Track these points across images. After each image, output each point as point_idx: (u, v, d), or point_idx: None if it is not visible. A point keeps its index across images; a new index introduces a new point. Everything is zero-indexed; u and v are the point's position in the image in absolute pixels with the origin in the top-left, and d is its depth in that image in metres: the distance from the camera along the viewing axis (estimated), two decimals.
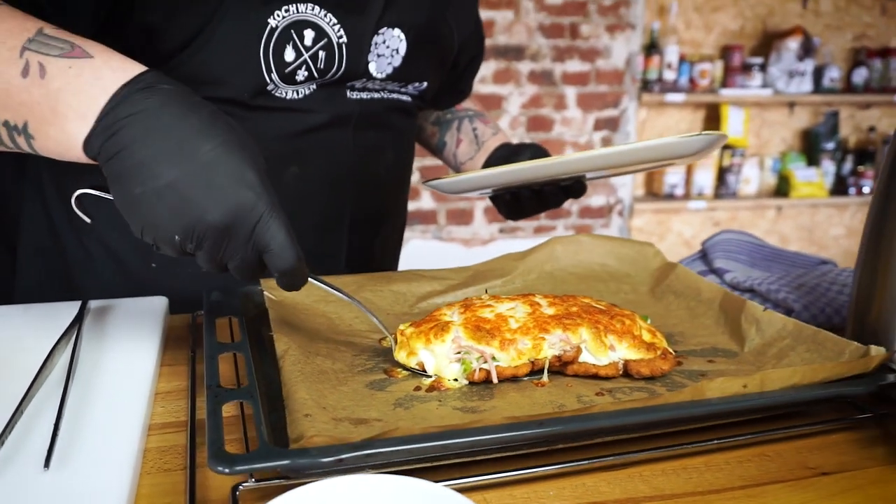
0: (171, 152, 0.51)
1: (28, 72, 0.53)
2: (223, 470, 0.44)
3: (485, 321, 0.63)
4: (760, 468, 0.52)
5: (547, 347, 0.62)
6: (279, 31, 0.76)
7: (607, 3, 3.22)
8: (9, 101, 0.54)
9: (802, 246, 3.86)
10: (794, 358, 0.64)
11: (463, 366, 0.61)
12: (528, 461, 0.51)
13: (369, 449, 0.46)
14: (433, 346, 0.62)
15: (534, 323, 0.63)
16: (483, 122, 1.11)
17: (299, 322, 0.70)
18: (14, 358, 0.61)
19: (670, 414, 0.52)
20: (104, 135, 0.52)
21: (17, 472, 0.46)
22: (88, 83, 0.53)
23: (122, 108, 0.52)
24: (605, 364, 0.62)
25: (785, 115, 3.73)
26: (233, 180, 0.52)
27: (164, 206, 0.52)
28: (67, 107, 0.53)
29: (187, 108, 0.53)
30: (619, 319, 0.65)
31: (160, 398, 0.61)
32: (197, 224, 0.52)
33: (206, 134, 0.53)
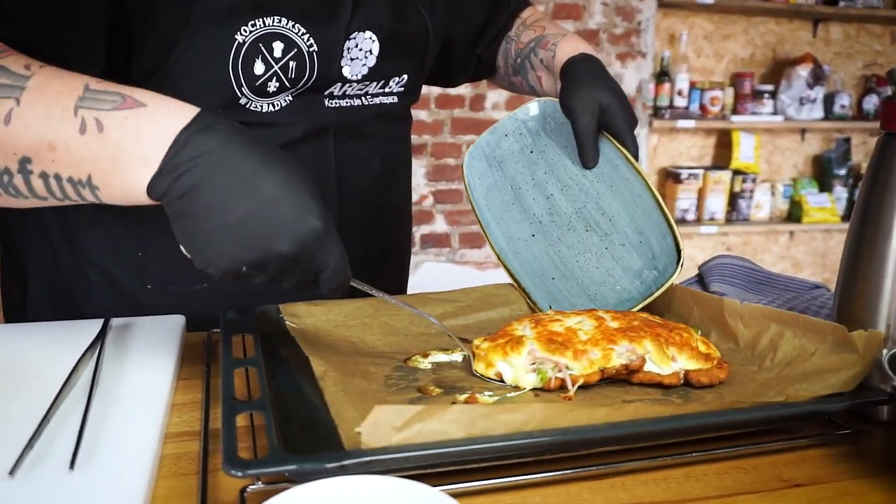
0: (237, 191, 0.55)
1: (85, 129, 0.56)
2: (236, 473, 0.48)
3: (556, 334, 0.68)
4: (736, 480, 0.55)
5: (615, 357, 0.66)
6: (247, 46, 0.77)
7: (618, 31, 3.27)
8: (70, 159, 0.57)
9: (815, 271, 3.86)
10: (787, 347, 0.69)
11: (539, 375, 0.66)
12: (515, 469, 0.54)
13: (370, 456, 0.49)
14: (510, 358, 0.67)
15: (601, 335, 0.68)
16: (543, 46, 1.02)
17: (325, 346, 0.72)
18: (42, 370, 0.66)
19: (653, 427, 0.55)
20: (171, 177, 0.56)
21: (45, 472, 0.50)
22: (147, 130, 0.56)
23: (186, 150, 0.56)
24: (669, 373, 0.67)
25: (796, 142, 3.76)
26: (298, 212, 0.57)
27: (234, 242, 0.56)
28: (128, 155, 0.56)
29: (247, 146, 0.57)
30: (677, 332, 0.70)
31: (176, 409, 0.65)
32: (267, 256, 0.57)
33: (267, 170, 0.57)
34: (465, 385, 0.67)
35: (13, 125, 0.57)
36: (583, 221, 0.90)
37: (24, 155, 0.58)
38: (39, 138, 0.57)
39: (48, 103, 0.57)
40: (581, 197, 0.90)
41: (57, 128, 0.57)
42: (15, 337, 0.75)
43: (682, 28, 3.44)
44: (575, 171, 0.91)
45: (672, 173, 3.51)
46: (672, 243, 0.83)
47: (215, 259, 0.57)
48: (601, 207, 0.89)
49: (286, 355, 0.73)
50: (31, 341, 0.73)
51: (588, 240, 0.89)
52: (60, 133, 0.57)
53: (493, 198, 0.94)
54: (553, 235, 0.90)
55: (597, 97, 0.87)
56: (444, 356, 0.73)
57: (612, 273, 0.87)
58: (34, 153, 0.58)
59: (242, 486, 0.51)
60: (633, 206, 0.87)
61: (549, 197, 0.92)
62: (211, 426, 0.61)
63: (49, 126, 0.57)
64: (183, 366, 0.74)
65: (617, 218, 0.88)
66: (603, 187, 0.89)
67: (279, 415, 0.60)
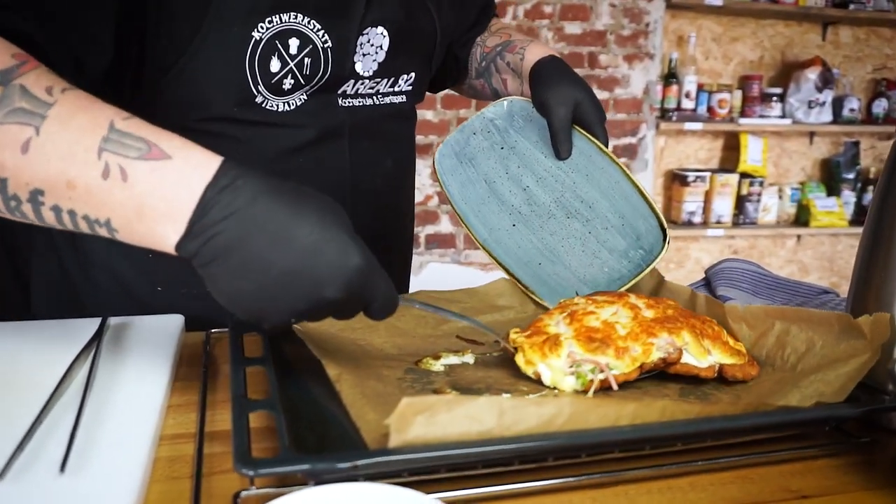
0: (273, 245, 0.53)
1: (108, 174, 0.54)
2: (248, 472, 0.47)
3: (594, 330, 0.67)
4: (742, 490, 0.54)
5: (655, 351, 0.65)
6: (264, 43, 0.77)
7: (626, 33, 3.26)
8: (89, 200, 0.55)
9: (823, 276, 3.84)
10: (795, 342, 0.69)
11: (579, 379, 0.64)
12: (516, 476, 0.53)
13: (382, 457, 0.49)
14: (549, 361, 0.65)
15: (640, 328, 0.67)
16: (510, 51, 1.05)
17: (334, 349, 0.72)
18: (37, 370, 0.65)
19: (660, 432, 0.54)
20: (199, 240, 0.54)
21: (35, 475, 0.49)
22: (174, 187, 0.54)
23: (214, 212, 0.53)
24: (706, 366, 0.66)
25: (804, 145, 3.74)
26: (339, 255, 0.55)
27: (279, 297, 0.54)
28: (154, 210, 0.54)
29: (274, 195, 0.55)
30: (709, 325, 0.70)
31: (172, 410, 0.64)
32: (315, 303, 0.55)
33: (299, 217, 0.54)
34: (481, 387, 0.66)
35: (31, 156, 0.54)
36: (563, 210, 0.92)
37: (38, 187, 0.55)
38: (58, 174, 0.54)
39: (71, 140, 0.54)
40: (558, 187, 0.93)
41: (79, 168, 0.54)
42: (9, 336, 0.74)
43: (691, 30, 3.42)
44: (548, 163, 0.94)
45: (679, 176, 3.49)
46: (656, 223, 0.87)
47: (263, 315, 0.56)
48: (579, 196, 0.92)
49: (291, 356, 0.72)
50: (25, 340, 0.72)
51: (570, 226, 0.92)
52: (82, 174, 0.54)
53: (468, 192, 0.95)
54: (534, 224, 0.93)
55: (570, 93, 0.91)
56: (455, 358, 0.73)
57: (598, 255, 0.90)
58: (50, 188, 0.55)
59: (236, 490, 0.50)
60: (611, 192, 0.90)
61: (526, 189, 0.94)
62: (207, 428, 0.60)
63: (70, 164, 0.54)
64: (180, 366, 0.73)
65: (597, 205, 0.91)
66: (579, 177, 0.92)
67: (287, 415, 0.59)
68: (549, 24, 3.16)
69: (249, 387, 0.64)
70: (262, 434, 0.59)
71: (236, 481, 0.52)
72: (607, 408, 0.53)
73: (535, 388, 0.66)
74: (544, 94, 0.92)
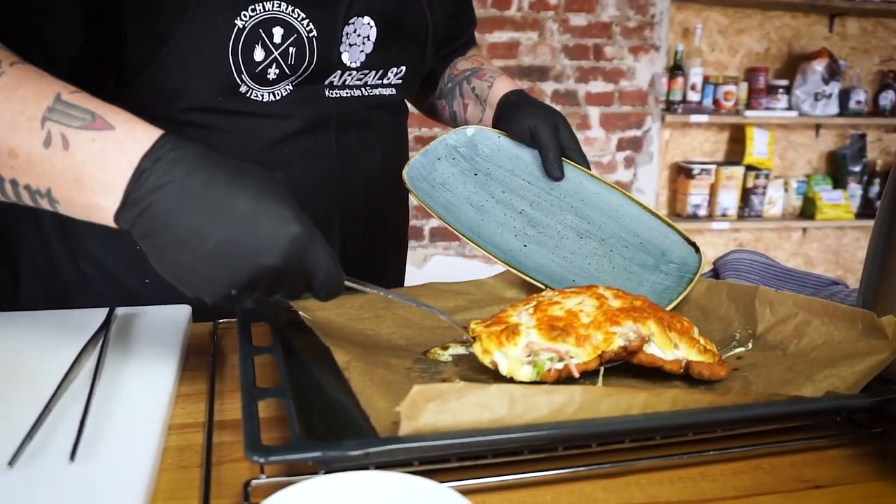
0: (209, 216, 0.54)
1: (50, 143, 0.54)
2: (259, 459, 0.47)
3: (557, 319, 0.65)
4: (754, 479, 0.54)
5: (616, 338, 0.63)
6: (247, 31, 0.77)
7: (631, 25, 3.24)
8: (30, 169, 0.55)
9: (828, 269, 3.83)
10: (814, 334, 0.68)
11: (535, 368, 0.62)
12: (527, 466, 0.53)
13: (395, 444, 0.49)
14: (506, 349, 0.63)
15: (604, 317, 0.65)
16: (479, 77, 1.05)
17: (342, 338, 0.71)
18: (45, 360, 0.65)
19: (671, 421, 0.54)
20: (135, 210, 0.54)
21: (45, 463, 0.49)
22: (113, 157, 0.54)
23: (148, 182, 0.54)
24: (671, 359, 0.64)
25: (811, 138, 3.72)
26: (276, 223, 0.55)
27: (217, 266, 0.54)
28: (93, 180, 0.54)
29: (212, 169, 0.55)
30: (678, 320, 0.68)
31: (180, 400, 0.64)
32: (255, 274, 0.55)
33: (236, 188, 0.55)
34: (490, 377, 0.65)
35: None
36: (572, 231, 0.88)
37: None
38: (1, 143, 0.55)
39: (14, 109, 0.55)
40: (557, 211, 0.90)
41: (21, 136, 0.54)
42: (17, 325, 0.74)
43: (697, 21, 3.40)
44: (535, 189, 0.91)
45: (684, 168, 3.48)
46: (679, 238, 0.85)
47: (204, 288, 0.56)
48: (583, 218, 0.89)
49: (298, 346, 0.72)
50: (33, 330, 0.72)
51: (588, 245, 0.87)
52: (24, 142, 0.55)
53: (457, 214, 0.88)
54: (548, 244, 0.88)
55: (551, 117, 0.92)
56: (462, 349, 0.72)
57: (630, 270, 0.86)
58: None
59: (246, 479, 0.50)
60: (615, 214, 0.88)
61: (522, 212, 0.90)
62: (216, 418, 0.60)
63: (12, 132, 0.55)
64: (188, 356, 0.73)
65: (605, 226, 0.88)
66: (574, 202, 0.90)
67: (296, 404, 0.59)
68: (554, 15, 3.15)
69: (258, 376, 0.64)
70: (271, 423, 0.59)
71: (246, 470, 0.52)
72: (619, 397, 0.53)
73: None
74: (531, 121, 0.91)
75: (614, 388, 0.53)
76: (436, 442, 0.49)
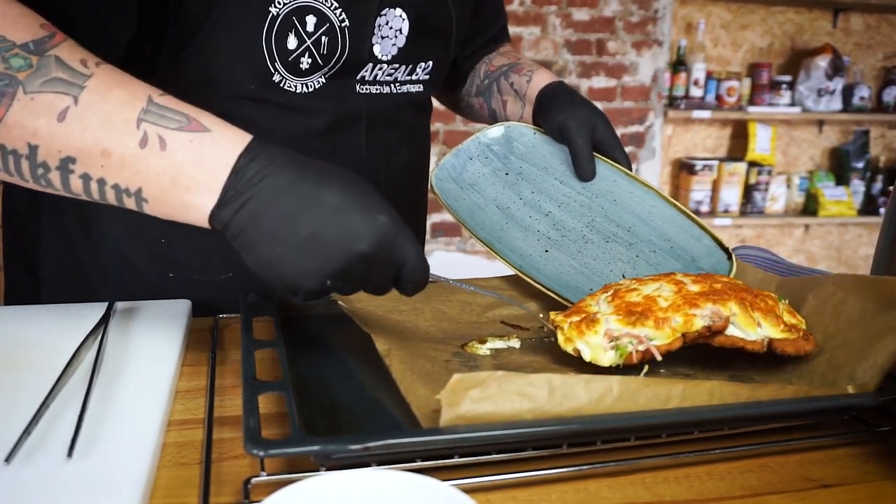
0: (301, 207, 0.56)
1: (147, 143, 0.55)
2: (258, 453, 0.47)
3: (635, 305, 0.65)
4: (761, 479, 0.53)
5: (698, 320, 0.63)
6: (280, 19, 0.77)
7: (634, 20, 3.23)
8: (123, 169, 0.56)
9: (831, 265, 3.82)
10: (850, 311, 0.66)
11: (618, 351, 0.63)
12: (532, 464, 0.52)
13: (394, 438, 0.49)
14: (587, 338, 0.64)
15: (682, 300, 0.65)
16: (516, 72, 1.03)
17: (382, 329, 0.71)
18: (43, 354, 0.64)
19: (678, 418, 0.54)
20: (232, 207, 0.56)
21: (42, 459, 0.48)
22: (211, 156, 0.56)
23: (246, 177, 0.56)
24: (753, 339, 0.64)
25: (813, 134, 3.70)
26: (366, 212, 0.57)
27: (313, 257, 0.56)
28: (190, 179, 0.56)
29: (303, 165, 0.58)
30: (762, 298, 0.67)
31: (180, 396, 0.63)
32: (349, 261, 0.56)
33: (325, 183, 0.57)
34: (528, 371, 0.65)
35: (67, 124, 0.55)
36: (598, 234, 0.86)
37: (70, 155, 0.56)
38: (94, 143, 0.55)
39: (109, 110, 0.55)
40: (586, 213, 0.87)
41: (116, 137, 0.55)
42: (16, 319, 0.73)
43: (700, 17, 3.39)
44: (567, 189, 0.89)
45: (686, 164, 3.47)
46: (712, 243, 0.82)
47: (298, 279, 0.57)
48: (613, 220, 0.86)
49: (300, 341, 0.72)
50: (32, 324, 0.72)
51: (613, 250, 0.85)
52: (119, 143, 0.55)
53: (481, 218, 0.88)
54: (571, 249, 0.86)
55: (588, 116, 0.89)
56: (501, 343, 0.72)
57: None
58: (83, 156, 0.56)
59: (246, 476, 0.49)
60: (647, 215, 0.85)
61: (549, 214, 0.88)
62: (216, 414, 0.59)
63: (107, 133, 0.55)
64: (188, 352, 0.72)
65: (635, 228, 0.85)
66: (605, 202, 0.87)
67: (298, 399, 0.59)
68: (556, 10, 3.13)
69: (259, 371, 0.64)
70: (272, 419, 0.58)
71: (246, 468, 0.52)
72: (657, 387, 0.53)
73: (582, 372, 0.65)
74: (561, 116, 0.89)
75: (652, 379, 0.53)
76: (438, 437, 0.49)
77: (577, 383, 0.51)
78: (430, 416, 0.53)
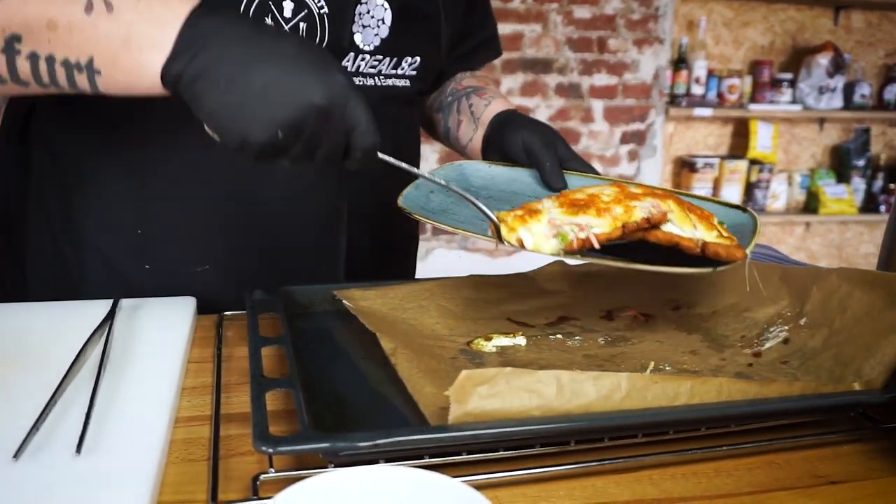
0: (258, 56, 0.56)
1: (92, 8, 0.55)
2: (267, 450, 0.47)
3: (578, 200, 0.67)
4: (769, 475, 0.53)
5: (638, 211, 0.64)
6: (256, 4, 0.76)
7: (636, 17, 3.22)
8: (71, 39, 0.55)
9: (831, 263, 3.82)
10: (856, 306, 0.67)
11: (560, 238, 0.63)
12: (540, 461, 0.52)
13: (404, 435, 0.49)
14: (530, 225, 0.65)
15: (624, 196, 0.66)
16: (478, 95, 1.02)
17: (388, 327, 0.71)
18: (50, 351, 0.64)
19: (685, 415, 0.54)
20: (184, 58, 0.55)
21: (50, 455, 0.48)
22: (161, 13, 0.55)
23: (199, 29, 0.55)
24: (688, 236, 0.64)
25: (814, 132, 3.70)
26: (323, 66, 0.57)
27: (266, 104, 0.55)
28: (142, 36, 0.55)
29: (255, 23, 0.58)
30: (698, 209, 0.69)
31: (186, 393, 0.63)
32: (302, 111, 0.56)
33: (283, 37, 0.58)
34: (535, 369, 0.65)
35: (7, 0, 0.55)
36: None
37: (15, 32, 0.55)
38: (38, 15, 0.55)
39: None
40: None
41: (59, 5, 0.55)
42: (21, 316, 0.73)
43: (701, 14, 3.38)
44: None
45: (687, 162, 3.47)
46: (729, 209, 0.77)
47: (249, 128, 0.56)
48: None
49: (305, 338, 0.72)
50: (37, 321, 0.72)
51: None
52: (64, 11, 0.55)
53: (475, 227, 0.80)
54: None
55: (547, 132, 0.88)
56: (506, 340, 0.73)
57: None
58: (28, 31, 0.55)
59: (254, 473, 0.49)
60: None
61: None
62: (222, 411, 0.59)
63: (51, 3, 0.55)
64: (193, 348, 0.72)
65: None
66: None
67: (304, 395, 0.59)
68: (557, 7, 3.13)
69: (265, 368, 0.63)
70: (278, 416, 0.58)
71: (253, 464, 0.52)
72: (665, 384, 0.53)
73: (587, 368, 0.66)
74: (523, 134, 0.87)
75: (660, 376, 0.54)
76: (446, 434, 0.49)
77: (586, 380, 0.52)
78: (437, 413, 0.53)
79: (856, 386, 0.59)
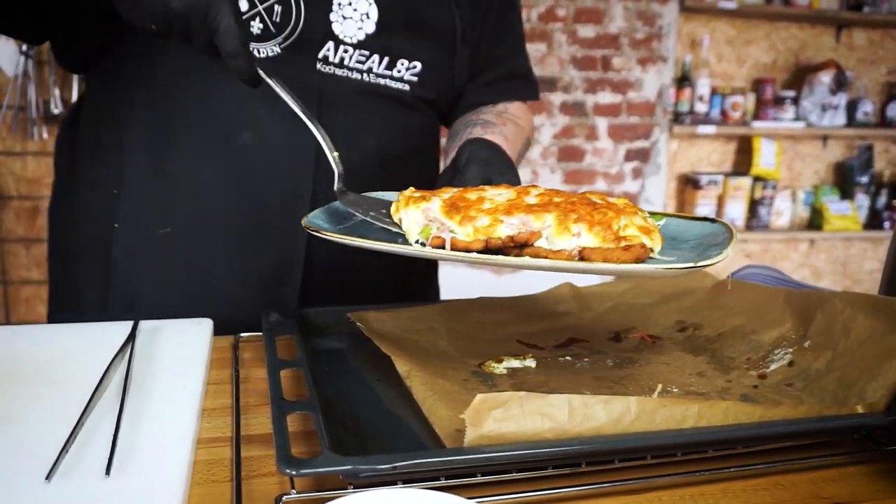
0: None
1: None
2: (291, 472, 0.48)
3: (464, 200, 0.68)
4: (775, 496, 0.54)
5: (502, 228, 0.64)
6: None
7: (639, 36, 3.26)
8: None
9: (836, 280, 3.82)
10: (859, 329, 0.68)
11: (423, 232, 0.67)
12: (552, 482, 0.54)
13: (422, 458, 0.50)
14: (409, 210, 0.68)
15: (504, 208, 0.65)
16: (484, 127, 0.97)
17: (401, 350, 0.72)
18: (73, 373, 0.66)
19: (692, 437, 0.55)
20: None
21: (81, 477, 0.50)
22: None
23: None
24: (559, 250, 0.63)
25: (818, 149, 3.72)
26: None
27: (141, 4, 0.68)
28: None
29: None
30: (602, 212, 0.63)
31: (206, 414, 0.65)
32: (163, 13, 0.67)
33: None
34: (546, 391, 0.66)
35: None
36: None
37: None
38: None
39: None
40: None
41: None
42: (42, 338, 0.75)
43: (704, 33, 3.42)
44: None
45: (691, 179, 3.49)
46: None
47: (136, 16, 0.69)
48: None
49: (323, 358, 0.74)
50: (58, 343, 0.74)
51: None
52: None
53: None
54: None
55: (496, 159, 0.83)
56: (517, 362, 0.74)
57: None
58: None
59: (277, 494, 0.51)
60: None
61: None
62: (243, 432, 0.61)
63: None
64: (211, 370, 0.74)
65: None
66: None
67: (323, 417, 0.60)
68: (562, 26, 3.16)
69: (284, 389, 0.65)
70: (297, 437, 0.59)
71: (275, 485, 0.53)
72: (673, 408, 0.55)
73: (597, 392, 0.67)
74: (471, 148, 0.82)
75: (669, 399, 0.55)
76: (463, 456, 0.50)
77: (597, 403, 0.53)
78: (452, 435, 0.55)
79: (859, 408, 0.60)
